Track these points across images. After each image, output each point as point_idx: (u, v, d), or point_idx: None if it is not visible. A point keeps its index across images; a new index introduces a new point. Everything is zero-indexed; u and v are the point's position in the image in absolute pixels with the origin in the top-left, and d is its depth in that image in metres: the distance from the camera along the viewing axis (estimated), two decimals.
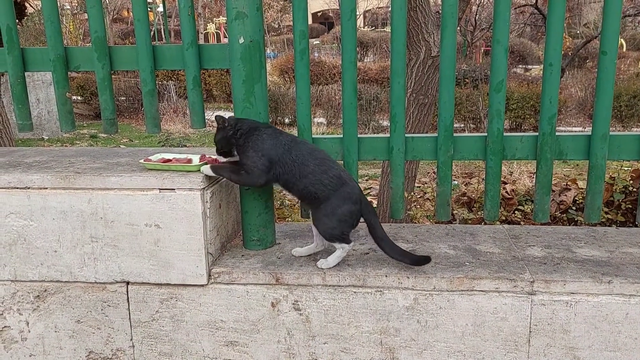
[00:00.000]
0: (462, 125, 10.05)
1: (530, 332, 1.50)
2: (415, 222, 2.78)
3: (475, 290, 1.50)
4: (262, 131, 1.52)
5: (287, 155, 1.51)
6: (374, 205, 3.17)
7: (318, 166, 1.50)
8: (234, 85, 1.65)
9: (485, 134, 1.70)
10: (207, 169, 1.55)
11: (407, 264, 1.53)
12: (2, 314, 1.68)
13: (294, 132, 1.76)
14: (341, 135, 1.74)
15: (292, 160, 1.50)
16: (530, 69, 14.63)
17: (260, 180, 1.51)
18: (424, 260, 1.52)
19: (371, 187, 4.89)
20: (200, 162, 1.63)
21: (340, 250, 1.57)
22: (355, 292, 1.54)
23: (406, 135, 1.73)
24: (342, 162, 1.77)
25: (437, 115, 1.73)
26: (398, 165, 1.74)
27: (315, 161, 1.51)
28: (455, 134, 1.71)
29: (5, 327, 1.69)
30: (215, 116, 1.57)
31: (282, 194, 3.87)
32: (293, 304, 1.57)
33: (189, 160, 1.65)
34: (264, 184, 1.53)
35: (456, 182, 4.26)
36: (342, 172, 1.54)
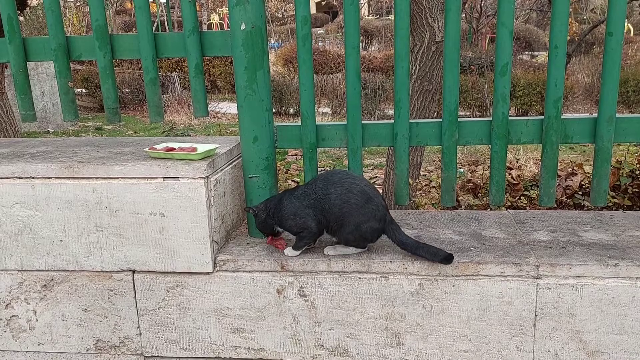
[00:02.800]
0: (468, 113, 10.00)
1: (535, 316, 1.50)
2: (420, 209, 2.78)
3: (481, 274, 1.50)
4: (284, 198, 1.58)
5: (310, 198, 1.55)
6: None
7: (339, 187, 1.53)
8: (236, 72, 1.64)
9: (490, 119, 1.69)
10: (290, 251, 1.59)
11: (437, 261, 1.51)
12: (9, 304, 1.69)
13: (298, 121, 1.76)
14: (345, 122, 1.74)
15: (316, 198, 1.54)
16: (537, 56, 14.51)
17: (313, 225, 1.55)
18: (450, 257, 1.51)
19: (376, 177, 4.88)
20: (189, 151, 1.64)
21: (353, 249, 1.58)
22: (360, 278, 1.55)
23: (410, 120, 1.73)
24: (346, 148, 1.77)
25: (442, 101, 1.72)
26: (402, 151, 1.74)
27: (335, 185, 1.54)
28: (460, 119, 1.70)
29: (13, 316, 1.70)
30: (245, 208, 1.63)
31: (287, 182, 3.87)
32: (298, 290, 1.58)
33: (194, 149, 1.65)
34: (317, 229, 1.55)
35: (462, 170, 4.24)
36: (366, 186, 1.56)
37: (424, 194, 3.31)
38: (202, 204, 1.54)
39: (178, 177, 1.54)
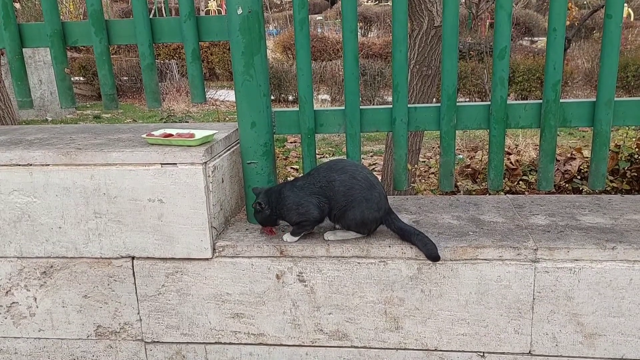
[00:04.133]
0: (468, 99, 9.97)
1: (533, 299, 1.51)
2: (419, 195, 2.78)
3: (479, 259, 1.50)
4: (285, 189, 1.58)
5: (314, 187, 1.55)
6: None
7: (343, 174, 1.53)
8: (234, 57, 1.63)
9: (489, 103, 1.69)
10: (289, 237, 1.60)
11: (425, 254, 1.52)
12: (9, 290, 1.70)
13: (296, 107, 1.76)
14: (343, 107, 1.74)
15: (320, 186, 1.54)
16: (537, 41, 14.42)
17: (315, 213, 1.54)
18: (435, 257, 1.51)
19: (376, 163, 4.88)
20: (177, 136, 1.64)
21: (353, 234, 1.59)
22: (359, 263, 1.55)
23: (409, 105, 1.72)
24: (345, 134, 1.76)
25: (440, 86, 1.72)
26: (401, 137, 1.74)
27: (339, 172, 1.54)
28: (458, 103, 1.70)
29: (13, 303, 1.71)
30: (253, 204, 1.60)
31: (286, 169, 3.87)
32: (298, 275, 1.58)
33: (191, 135, 1.65)
34: (320, 216, 1.56)
35: (461, 156, 4.24)
36: (369, 174, 1.57)
37: (422, 180, 3.31)
38: (201, 190, 1.54)
39: (176, 164, 1.54)
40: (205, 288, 1.63)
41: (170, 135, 1.66)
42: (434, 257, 1.50)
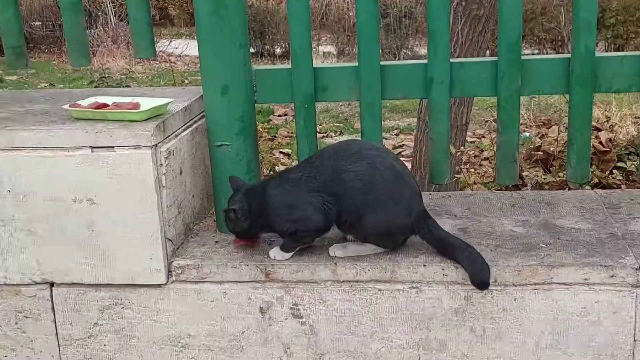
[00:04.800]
0: (537, 51, 9.96)
1: (634, 341, 1.51)
2: (467, 190, 2.78)
3: (554, 283, 1.50)
4: (271, 186, 1.59)
5: (314, 181, 1.55)
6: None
7: (357, 162, 1.53)
8: None
9: (568, 56, 1.69)
10: (278, 253, 1.60)
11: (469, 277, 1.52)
12: None
13: (287, 64, 1.76)
14: (356, 64, 1.73)
15: (323, 180, 1.55)
16: None
17: (318, 220, 1.55)
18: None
19: (403, 145, 4.87)
20: (133, 109, 1.63)
21: (371, 248, 1.59)
22: (380, 290, 1.55)
23: (452, 60, 1.72)
24: (359, 102, 1.77)
25: (497, 33, 1.72)
26: (441, 106, 1.73)
27: (352, 160, 1.54)
28: (524, 57, 1.70)
29: None
30: (224, 210, 1.61)
31: (272, 155, 3.87)
32: (291, 308, 1.58)
33: (135, 106, 1.64)
34: (323, 224, 1.56)
35: (527, 134, 4.23)
36: (395, 161, 1.56)
37: (471, 169, 3.30)
38: (149, 186, 1.54)
39: (113, 147, 1.53)
40: (157, 328, 1.63)
41: (105, 105, 1.65)
42: (479, 282, 1.51)
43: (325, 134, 5.29)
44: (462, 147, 3.13)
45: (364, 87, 1.74)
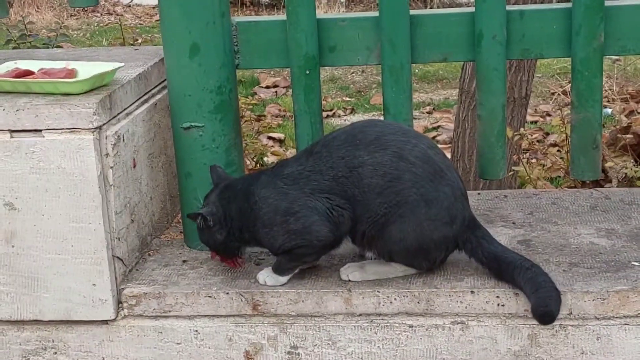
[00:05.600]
0: None
1: None
2: (528, 189, 2.77)
3: None
4: (260, 184, 1.60)
5: (320, 177, 1.56)
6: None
7: (379, 152, 1.54)
8: None
9: None
10: (270, 276, 1.61)
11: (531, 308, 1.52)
12: None
13: (281, 14, 1.76)
14: (376, 13, 1.74)
15: (333, 176, 1.56)
16: None
17: (323, 231, 1.55)
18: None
19: (439, 127, 4.85)
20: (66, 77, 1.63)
21: (399, 269, 1.60)
22: (411, 327, 1.55)
23: (508, 8, 1.72)
24: (380, 66, 1.77)
25: None
26: (493, 70, 1.74)
27: (372, 148, 1.55)
28: (608, 2, 1.70)
29: None
30: (188, 215, 1.63)
31: (259, 141, 3.86)
32: (288, 352, 1.59)
33: (70, 73, 1.65)
34: (332, 236, 1.57)
35: (609, 111, 4.23)
36: (431, 149, 1.57)
37: (533, 159, 3.29)
38: (91, 184, 1.54)
39: (40, 131, 1.54)
40: None
41: (29, 73, 1.66)
42: (542, 313, 1.50)
43: (330, 112, 5.27)
44: (522, 129, 3.12)
45: (387, 46, 1.73)
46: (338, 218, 1.54)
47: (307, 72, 1.76)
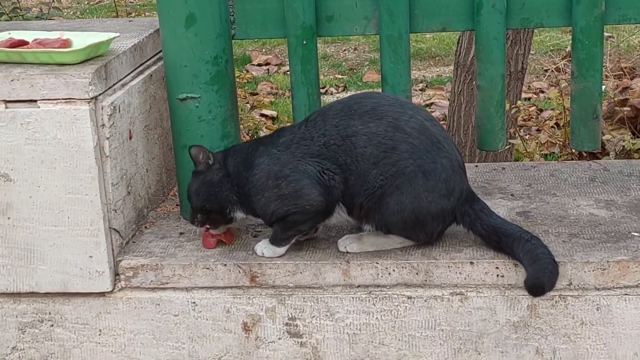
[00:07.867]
0: None
1: None
2: (526, 161, 2.78)
3: None
4: (256, 151, 1.60)
5: (314, 144, 1.57)
6: None
7: (374, 121, 1.54)
8: None
9: None
10: (268, 247, 1.60)
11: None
12: None
13: None
14: None
15: (325, 144, 1.56)
16: None
17: (315, 197, 1.55)
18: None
19: (432, 104, 4.86)
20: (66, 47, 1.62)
21: (397, 241, 1.60)
22: (409, 298, 1.55)
23: None
24: (378, 36, 1.76)
25: None
26: (492, 40, 1.73)
27: (367, 118, 1.54)
28: None
29: None
30: (190, 147, 1.62)
31: (252, 118, 3.86)
32: (286, 324, 1.59)
33: (65, 43, 1.64)
34: (323, 201, 1.56)
35: (603, 87, 4.23)
36: (428, 120, 1.57)
37: (532, 132, 3.29)
38: (87, 155, 1.53)
39: (36, 101, 1.53)
40: (101, 353, 1.63)
41: (23, 43, 1.65)
42: (530, 285, 1.50)
43: (323, 90, 5.27)
44: (519, 102, 3.11)
45: (386, 15, 1.72)
46: (329, 181, 1.54)
47: (304, 42, 1.75)
